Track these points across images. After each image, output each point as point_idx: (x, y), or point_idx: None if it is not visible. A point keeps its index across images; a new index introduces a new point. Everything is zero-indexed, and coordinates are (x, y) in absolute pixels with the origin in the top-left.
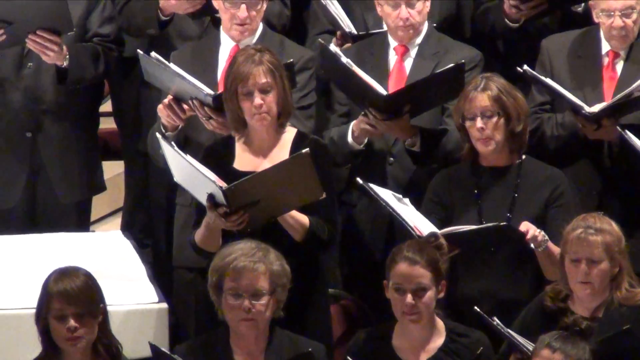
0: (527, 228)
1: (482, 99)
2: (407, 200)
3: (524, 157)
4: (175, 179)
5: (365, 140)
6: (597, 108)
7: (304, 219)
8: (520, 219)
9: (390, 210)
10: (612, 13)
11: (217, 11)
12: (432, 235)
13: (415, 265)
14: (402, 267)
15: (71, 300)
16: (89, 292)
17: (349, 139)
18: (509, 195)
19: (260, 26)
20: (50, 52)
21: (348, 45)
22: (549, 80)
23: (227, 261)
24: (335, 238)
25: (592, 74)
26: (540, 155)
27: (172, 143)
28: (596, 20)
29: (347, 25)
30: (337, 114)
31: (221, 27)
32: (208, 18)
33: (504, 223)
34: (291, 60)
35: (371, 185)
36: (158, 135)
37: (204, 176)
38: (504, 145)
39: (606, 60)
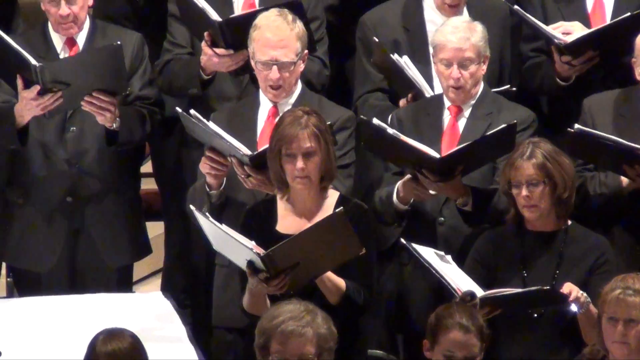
0: (570, 289)
1: (528, 168)
2: (449, 257)
3: (569, 222)
4: (214, 247)
5: (411, 201)
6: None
7: (341, 282)
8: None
9: (433, 271)
10: None
11: None
12: (469, 294)
13: (469, 333)
14: (456, 334)
15: None
16: (136, 355)
17: (394, 198)
18: (553, 262)
19: (299, 86)
20: (107, 113)
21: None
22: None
23: (275, 324)
24: (370, 304)
25: (636, 133)
26: (583, 214)
27: (206, 213)
28: (638, 77)
29: (425, 88)
30: (391, 172)
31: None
32: (247, 77)
33: (548, 287)
34: (330, 122)
35: (414, 245)
36: (192, 207)
37: (240, 244)
38: (550, 212)
39: None
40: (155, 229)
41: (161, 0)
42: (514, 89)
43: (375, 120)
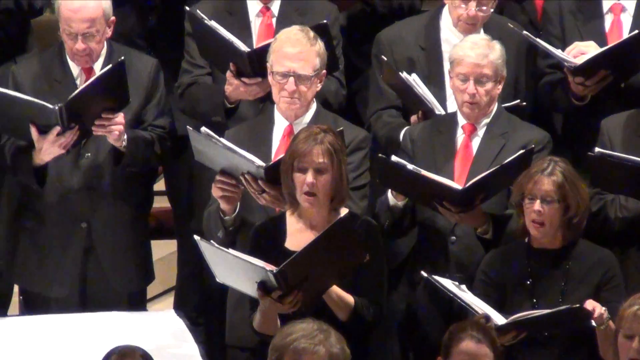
0: (594, 306)
1: (547, 184)
2: (464, 287)
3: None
4: (218, 280)
5: (405, 200)
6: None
7: (350, 298)
8: (572, 303)
9: (459, 300)
10: None
11: None
12: (484, 316)
13: (481, 344)
14: (469, 345)
15: None
16: None
17: (389, 193)
18: (560, 280)
19: (314, 105)
20: (119, 128)
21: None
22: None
23: (288, 341)
24: (380, 321)
25: None
26: (603, 236)
27: (212, 242)
28: None
29: (435, 105)
30: None
31: (275, 106)
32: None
33: (577, 305)
34: (341, 128)
35: (435, 277)
36: (196, 237)
37: (251, 264)
38: (556, 231)
39: None
40: (167, 247)
41: (174, 18)
42: (524, 103)
43: (394, 157)
